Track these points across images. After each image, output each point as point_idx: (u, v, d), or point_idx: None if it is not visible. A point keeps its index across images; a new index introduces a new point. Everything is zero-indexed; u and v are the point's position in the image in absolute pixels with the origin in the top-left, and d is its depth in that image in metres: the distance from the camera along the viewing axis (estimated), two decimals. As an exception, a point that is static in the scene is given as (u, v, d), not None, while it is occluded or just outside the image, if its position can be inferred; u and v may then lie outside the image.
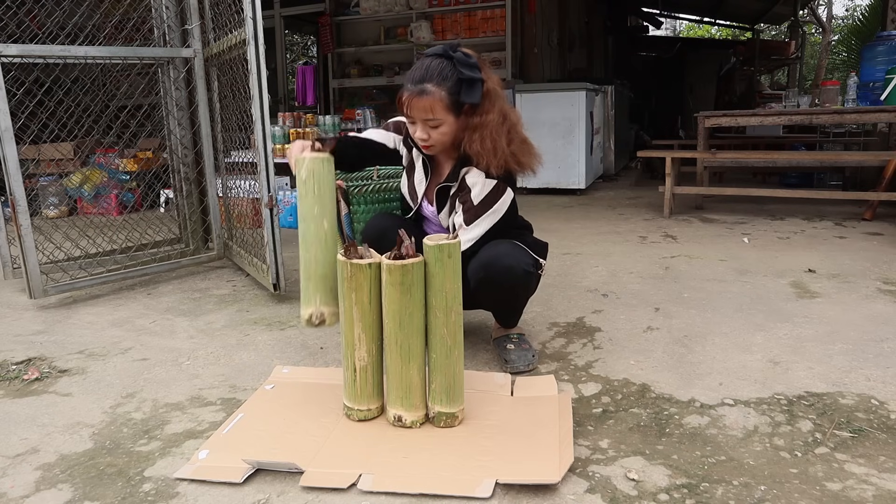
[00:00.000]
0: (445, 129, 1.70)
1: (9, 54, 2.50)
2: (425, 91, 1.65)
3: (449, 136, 1.73)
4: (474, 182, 1.74)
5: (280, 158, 4.63)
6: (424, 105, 1.66)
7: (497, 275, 1.73)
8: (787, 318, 2.25)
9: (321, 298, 1.55)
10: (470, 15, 6.97)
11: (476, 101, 1.69)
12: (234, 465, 1.36)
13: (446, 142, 1.74)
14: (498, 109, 1.73)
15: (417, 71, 1.68)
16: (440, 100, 1.66)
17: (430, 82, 1.65)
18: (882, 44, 4.60)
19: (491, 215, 1.75)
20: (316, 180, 1.52)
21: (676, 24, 21.44)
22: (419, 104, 1.66)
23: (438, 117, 1.68)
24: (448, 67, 1.67)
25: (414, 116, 1.70)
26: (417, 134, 1.73)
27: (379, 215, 2.01)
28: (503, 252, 1.74)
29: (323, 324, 1.55)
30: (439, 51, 1.70)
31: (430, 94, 1.65)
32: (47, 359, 2.06)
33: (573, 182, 5.53)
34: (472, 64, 1.69)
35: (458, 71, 1.66)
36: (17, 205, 2.52)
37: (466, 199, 1.75)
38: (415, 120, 1.71)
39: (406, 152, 1.93)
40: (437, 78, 1.65)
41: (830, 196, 4.34)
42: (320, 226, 1.53)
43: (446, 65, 1.67)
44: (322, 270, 1.55)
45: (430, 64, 1.68)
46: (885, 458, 1.37)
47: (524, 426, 1.51)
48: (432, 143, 1.73)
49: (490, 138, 1.69)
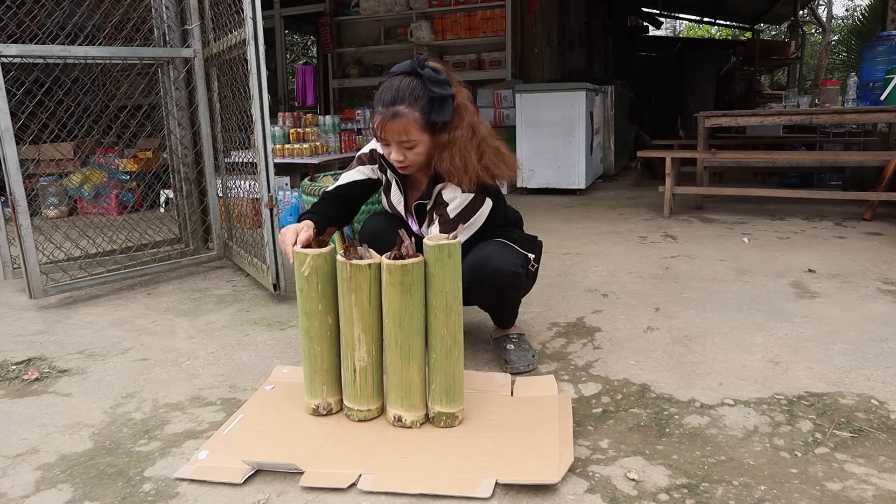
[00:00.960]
0: (420, 149, 1.67)
1: (9, 54, 2.50)
2: (398, 114, 1.60)
3: (424, 155, 1.69)
4: (452, 197, 1.71)
5: (280, 158, 4.64)
6: (398, 128, 1.62)
7: (485, 277, 1.72)
8: (787, 318, 2.25)
9: (327, 391, 1.58)
10: (470, 15, 6.96)
11: (448, 118, 1.64)
12: (234, 466, 1.36)
13: (422, 161, 1.71)
14: (467, 124, 1.68)
15: (387, 92, 1.63)
16: (414, 121, 1.61)
17: (401, 104, 1.60)
18: (882, 44, 4.60)
19: (468, 228, 1.72)
20: (320, 278, 1.51)
21: (676, 24, 21.44)
22: (393, 127, 1.62)
23: (413, 138, 1.64)
24: (419, 87, 1.61)
25: (388, 139, 1.66)
26: (393, 156, 1.69)
27: (375, 215, 2.00)
28: (490, 254, 1.73)
29: (331, 413, 1.58)
30: (407, 68, 1.65)
31: (404, 117, 1.60)
32: (47, 359, 2.06)
33: (573, 182, 5.52)
34: (441, 80, 1.63)
35: (429, 90, 1.61)
36: (17, 205, 2.52)
37: (443, 212, 1.71)
38: (389, 142, 1.67)
39: (383, 175, 1.90)
40: (408, 99, 1.61)
41: (830, 196, 4.34)
42: (324, 322, 1.53)
43: (416, 84, 1.62)
44: (328, 365, 1.56)
45: (399, 84, 1.62)
46: (885, 458, 1.37)
47: (524, 426, 1.51)
48: (408, 163, 1.70)
49: (460, 156, 1.65)
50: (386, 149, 1.71)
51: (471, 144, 1.68)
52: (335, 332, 1.56)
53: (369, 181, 1.90)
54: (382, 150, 1.76)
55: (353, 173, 1.90)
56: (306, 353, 1.56)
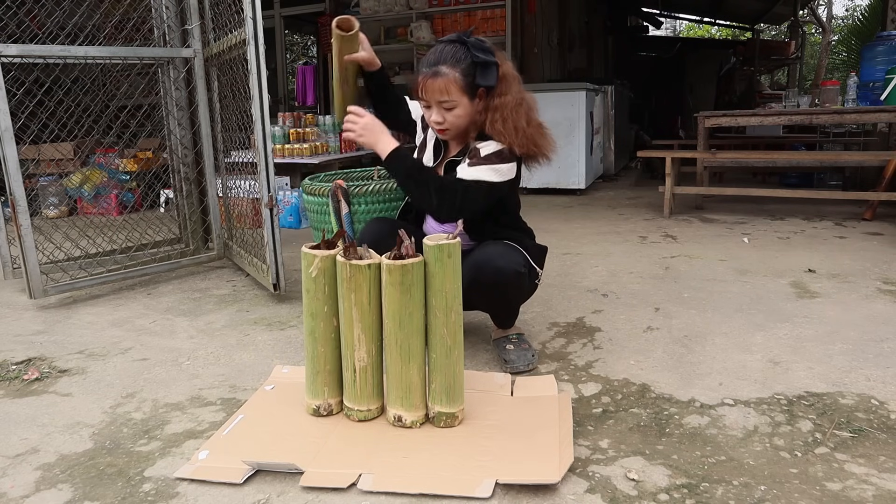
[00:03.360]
0: (460, 111, 1.73)
1: (9, 54, 2.50)
2: (439, 73, 1.69)
3: (464, 118, 1.75)
4: (486, 145, 1.75)
5: (280, 158, 4.64)
6: (439, 86, 1.69)
7: (488, 276, 1.72)
8: (787, 318, 2.25)
9: (329, 392, 1.58)
10: (470, 15, 6.96)
11: (492, 83, 1.72)
12: (234, 466, 1.36)
13: (461, 125, 1.76)
14: (515, 92, 1.75)
15: (432, 55, 1.73)
16: (454, 80, 1.69)
17: (443, 64, 1.69)
18: (882, 44, 4.60)
19: (492, 170, 1.72)
20: (327, 279, 1.51)
21: (676, 24, 21.44)
22: (433, 85, 1.70)
23: (453, 98, 1.70)
24: (461, 51, 1.71)
25: (429, 99, 1.73)
26: (433, 118, 1.76)
27: (375, 220, 1.98)
28: (495, 253, 1.74)
29: (331, 414, 1.59)
30: (453, 37, 1.74)
31: (444, 76, 1.69)
32: (47, 359, 2.06)
33: (573, 182, 5.52)
34: (486, 48, 1.73)
35: (473, 54, 1.69)
36: (17, 205, 2.52)
37: (475, 153, 1.75)
38: (430, 103, 1.74)
39: (421, 131, 1.98)
40: (450, 60, 1.69)
41: (830, 196, 4.34)
42: (329, 323, 1.54)
43: (459, 48, 1.71)
44: (331, 366, 1.56)
45: (443, 48, 1.72)
46: (885, 458, 1.37)
47: (524, 426, 1.51)
48: (447, 126, 1.76)
49: (511, 119, 1.72)
50: (427, 112, 1.78)
51: (520, 110, 1.75)
52: (338, 334, 1.56)
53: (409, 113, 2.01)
54: (423, 113, 1.82)
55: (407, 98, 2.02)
56: (310, 353, 1.56)
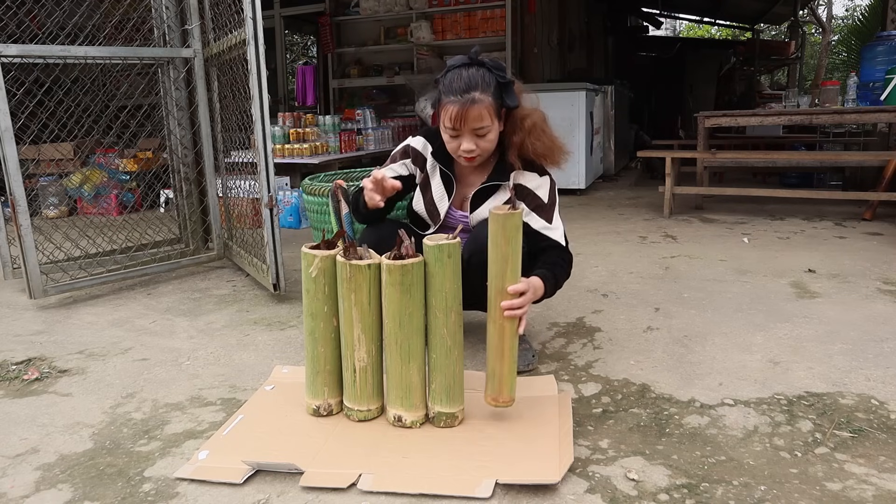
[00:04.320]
0: (492, 135, 1.70)
1: (9, 54, 2.50)
2: (475, 100, 1.63)
3: (493, 143, 1.72)
4: (537, 185, 1.76)
5: (280, 158, 4.64)
6: (477, 114, 1.64)
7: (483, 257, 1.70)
8: (787, 318, 2.25)
9: (329, 392, 1.58)
10: (470, 15, 6.96)
11: (516, 104, 1.70)
12: (234, 466, 1.36)
13: (490, 150, 1.73)
14: (532, 109, 1.75)
15: (457, 82, 1.65)
16: (488, 106, 1.65)
17: (476, 90, 1.63)
18: (882, 44, 4.59)
19: (558, 208, 1.80)
20: (327, 279, 1.51)
21: (676, 24, 21.43)
22: (471, 114, 1.63)
23: (487, 124, 1.67)
24: (487, 74, 1.66)
25: (464, 128, 1.67)
26: (464, 146, 1.69)
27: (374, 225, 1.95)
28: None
29: (331, 414, 1.58)
30: (467, 60, 1.69)
31: (480, 102, 1.64)
32: (47, 359, 2.06)
33: (573, 182, 5.52)
34: (502, 67, 1.71)
35: (498, 75, 1.66)
36: (17, 205, 2.52)
37: (537, 201, 1.76)
38: (460, 133, 1.68)
39: (419, 171, 1.90)
40: (482, 85, 1.64)
41: (830, 196, 4.34)
42: (329, 323, 1.54)
43: (484, 71, 1.66)
44: (331, 366, 1.56)
45: (468, 74, 1.65)
46: (885, 458, 1.37)
47: (524, 426, 1.51)
48: (479, 152, 1.71)
49: (546, 137, 1.73)
50: (454, 141, 1.71)
51: (546, 127, 1.76)
52: (338, 334, 1.56)
53: (401, 178, 1.89)
54: (448, 143, 1.75)
55: (385, 171, 1.89)
56: (310, 353, 1.56)
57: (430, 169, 1.88)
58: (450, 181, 1.85)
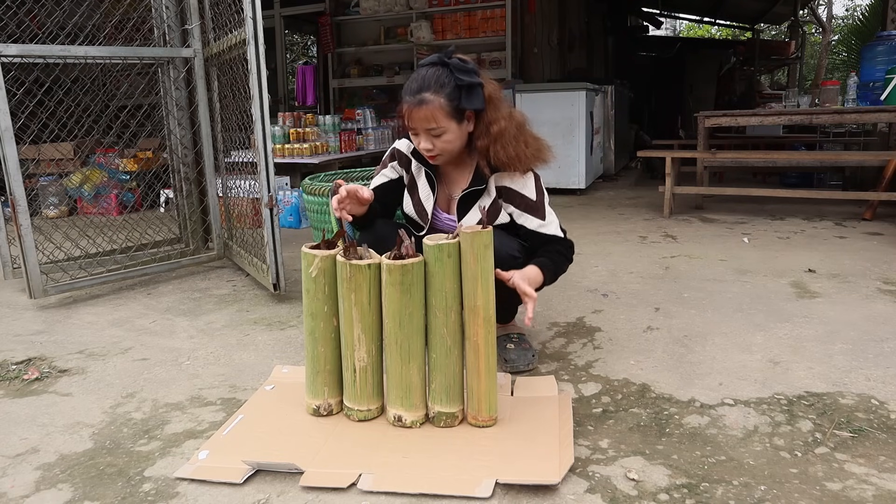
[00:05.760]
0: (449, 136, 1.69)
1: (9, 54, 2.50)
2: (424, 101, 1.63)
3: (454, 143, 1.71)
4: (523, 184, 1.76)
5: (280, 158, 4.64)
6: (424, 115, 1.64)
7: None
8: (787, 318, 2.25)
9: (329, 391, 1.58)
10: (470, 15, 6.96)
11: (479, 106, 1.68)
12: (234, 466, 1.36)
13: (452, 150, 1.73)
14: (506, 114, 1.72)
15: (414, 82, 1.67)
16: (440, 107, 1.64)
17: (427, 91, 1.63)
18: (882, 44, 4.59)
19: (547, 200, 1.80)
20: (327, 279, 1.51)
21: (676, 24, 21.42)
22: (419, 114, 1.65)
23: (441, 125, 1.66)
24: (444, 74, 1.65)
25: (416, 127, 1.69)
26: (422, 145, 1.71)
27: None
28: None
29: (331, 414, 1.58)
30: (434, 59, 1.68)
31: (429, 103, 1.63)
32: (47, 359, 2.06)
33: (573, 182, 5.52)
34: (468, 69, 1.67)
35: (456, 77, 1.64)
36: (17, 205, 2.52)
37: (526, 201, 1.76)
38: (417, 131, 1.70)
39: (405, 173, 1.91)
40: (434, 86, 1.63)
41: (830, 196, 4.34)
42: (329, 323, 1.54)
43: (442, 72, 1.65)
44: (331, 366, 1.56)
45: (425, 73, 1.66)
46: (885, 458, 1.37)
47: (524, 426, 1.51)
48: (437, 152, 1.71)
49: (512, 146, 1.70)
50: (415, 139, 1.74)
51: (519, 134, 1.73)
52: (338, 334, 1.56)
53: (392, 182, 1.91)
54: (412, 141, 1.78)
55: (377, 178, 1.92)
56: (310, 353, 1.56)
57: (416, 170, 1.88)
58: (431, 180, 1.86)
